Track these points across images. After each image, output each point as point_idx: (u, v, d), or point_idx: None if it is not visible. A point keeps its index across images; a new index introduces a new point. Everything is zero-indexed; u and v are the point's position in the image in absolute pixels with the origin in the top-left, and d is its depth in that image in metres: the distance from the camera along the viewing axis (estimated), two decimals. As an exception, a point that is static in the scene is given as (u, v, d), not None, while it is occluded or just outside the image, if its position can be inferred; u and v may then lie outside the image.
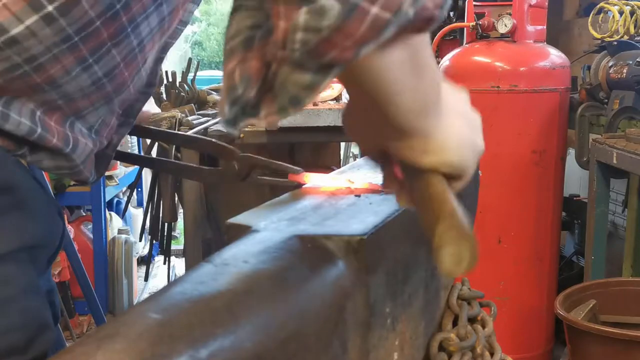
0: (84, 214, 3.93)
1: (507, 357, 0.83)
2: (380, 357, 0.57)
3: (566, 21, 4.10)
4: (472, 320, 0.81)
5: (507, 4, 2.90)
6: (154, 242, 3.03)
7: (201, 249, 2.65)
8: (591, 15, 3.15)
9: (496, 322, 0.83)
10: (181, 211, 2.93)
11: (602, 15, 3.07)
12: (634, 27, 2.91)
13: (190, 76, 3.26)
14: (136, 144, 3.96)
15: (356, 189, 0.73)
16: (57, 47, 0.65)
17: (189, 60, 3.43)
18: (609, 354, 2.00)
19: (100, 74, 0.71)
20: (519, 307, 2.92)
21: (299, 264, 0.49)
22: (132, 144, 3.91)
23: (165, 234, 2.91)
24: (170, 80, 3.13)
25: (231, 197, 2.83)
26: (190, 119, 2.75)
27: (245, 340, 0.38)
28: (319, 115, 2.68)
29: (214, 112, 3.17)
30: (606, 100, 2.79)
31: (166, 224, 2.86)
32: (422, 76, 0.52)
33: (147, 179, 3.86)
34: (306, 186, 0.80)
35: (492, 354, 0.80)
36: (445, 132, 0.57)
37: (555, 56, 2.90)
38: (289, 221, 0.59)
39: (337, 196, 0.70)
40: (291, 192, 0.73)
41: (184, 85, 3.20)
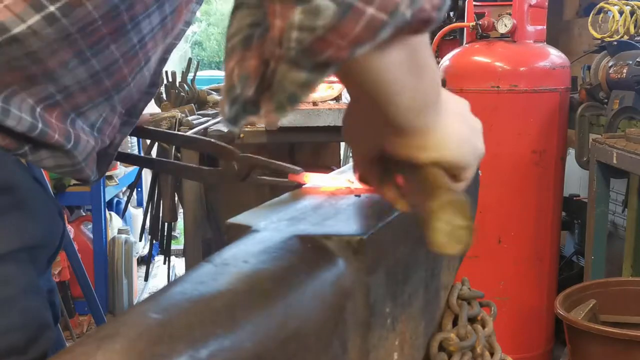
0: (84, 214, 3.93)
1: (507, 357, 0.83)
2: (380, 357, 0.57)
3: (566, 21, 4.10)
4: (472, 320, 0.81)
5: (507, 4, 2.90)
6: (154, 242, 3.03)
7: (201, 249, 2.65)
8: (591, 15, 3.15)
9: (496, 322, 0.83)
10: (181, 211, 2.93)
11: (602, 15, 3.07)
12: (634, 27, 2.91)
13: (190, 76, 3.26)
14: (136, 144, 3.96)
15: (356, 189, 0.73)
16: (57, 43, 0.65)
17: (189, 60, 3.43)
18: (609, 354, 2.00)
19: (97, 68, 0.71)
20: (519, 307, 2.92)
21: (299, 264, 0.49)
22: (132, 144, 3.91)
23: (165, 234, 2.91)
24: (170, 80, 3.13)
25: (231, 197, 2.83)
26: (190, 119, 2.75)
27: (245, 340, 0.38)
28: (319, 115, 2.68)
29: (214, 112, 3.17)
30: (606, 100, 2.79)
31: (166, 224, 2.86)
32: (421, 76, 0.52)
33: (147, 179, 3.86)
34: (306, 186, 0.80)
35: (492, 354, 0.80)
36: (444, 130, 0.57)
37: (555, 56, 2.90)
38: (289, 221, 0.59)
39: (337, 196, 0.70)
40: (291, 192, 0.73)
41: (184, 85, 3.20)
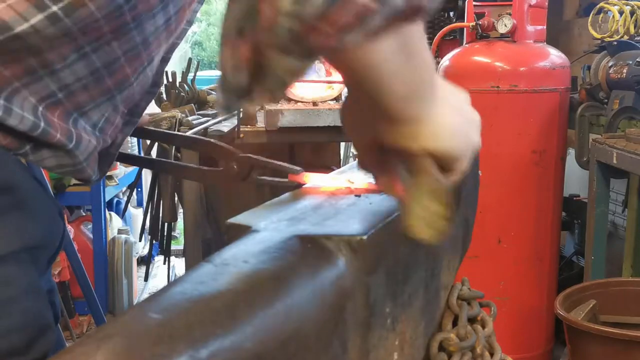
0: (84, 214, 3.93)
1: (507, 357, 0.83)
2: (380, 357, 0.57)
3: (566, 21, 4.09)
4: (472, 320, 0.81)
5: (507, 4, 2.90)
6: (154, 242, 3.03)
7: (201, 249, 2.65)
8: (591, 15, 3.15)
9: (496, 322, 0.83)
10: (181, 211, 2.93)
11: (602, 15, 3.07)
12: (634, 27, 2.91)
13: (190, 76, 3.26)
14: (136, 144, 3.96)
15: (356, 189, 0.73)
16: (57, 40, 0.65)
17: (189, 60, 3.43)
18: (609, 354, 2.00)
19: (98, 64, 0.70)
20: (519, 307, 2.92)
21: (299, 264, 0.49)
22: (132, 144, 3.92)
23: (165, 234, 2.90)
24: (170, 80, 3.13)
25: (231, 197, 2.83)
26: (190, 119, 2.75)
27: (245, 340, 0.38)
28: (319, 115, 2.68)
29: (214, 112, 3.17)
30: (606, 100, 2.79)
31: (166, 224, 2.86)
32: (414, 65, 0.53)
33: (147, 179, 3.86)
34: (306, 186, 0.80)
35: (492, 354, 0.80)
36: (437, 120, 0.58)
37: (555, 56, 2.90)
38: (289, 221, 0.59)
39: (337, 196, 0.70)
40: (291, 192, 0.73)
41: (184, 85, 3.20)
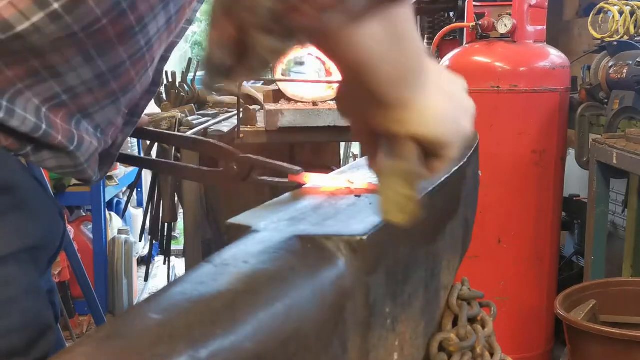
0: (84, 214, 3.93)
1: (507, 357, 0.83)
2: (380, 357, 0.57)
3: (566, 21, 4.10)
4: (472, 320, 0.81)
5: (507, 4, 2.90)
6: (154, 242, 3.03)
7: (201, 249, 2.65)
8: (591, 15, 3.15)
9: (496, 322, 0.83)
10: (181, 211, 2.93)
11: (602, 15, 3.07)
12: (634, 27, 2.91)
13: (190, 76, 3.26)
14: (136, 144, 3.96)
15: (356, 189, 0.73)
16: (60, 42, 0.65)
17: (189, 60, 3.43)
18: (609, 354, 2.00)
19: (104, 69, 0.70)
20: (519, 307, 2.92)
21: (299, 264, 0.49)
22: (132, 145, 3.92)
23: (165, 234, 2.91)
24: (170, 80, 3.13)
25: (231, 197, 2.83)
26: (190, 119, 2.75)
27: (245, 340, 0.38)
28: (319, 115, 2.68)
29: (214, 112, 3.17)
30: (606, 100, 2.79)
31: (166, 224, 2.86)
32: (401, 48, 0.53)
33: (147, 179, 3.86)
34: (306, 186, 0.80)
35: (492, 354, 0.80)
36: (426, 105, 0.57)
37: (555, 56, 2.90)
38: (289, 221, 0.58)
39: (337, 196, 0.70)
40: (291, 192, 0.73)
41: (184, 85, 3.20)
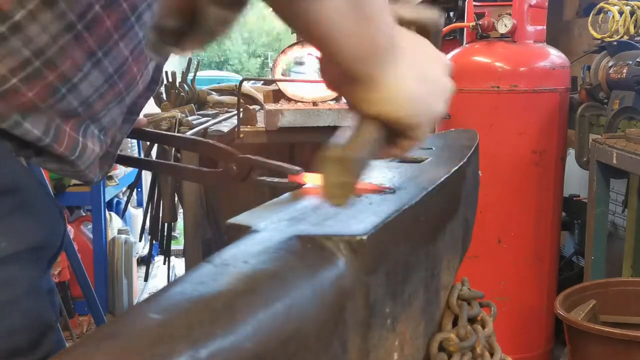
0: (84, 214, 3.93)
1: (507, 357, 0.83)
2: (380, 357, 0.57)
3: (566, 21, 4.10)
4: (472, 320, 0.81)
5: (507, 4, 2.90)
6: (154, 242, 3.03)
7: (201, 249, 2.65)
8: (591, 15, 3.15)
9: (496, 322, 0.83)
10: (181, 211, 2.93)
11: (602, 15, 3.07)
12: (634, 27, 2.91)
13: (190, 76, 3.26)
14: (136, 145, 3.96)
15: (356, 189, 0.73)
16: (62, 38, 0.65)
17: (189, 60, 3.43)
18: (609, 354, 2.00)
19: (111, 70, 0.71)
20: (519, 307, 2.92)
21: (299, 264, 0.49)
22: (132, 145, 3.91)
23: (165, 234, 2.91)
24: (170, 80, 3.13)
25: (231, 197, 2.83)
26: (190, 119, 2.75)
27: (245, 340, 0.38)
28: (319, 115, 2.68)
29: (214, 112, 3.17)
30: (606, 100, 2.79)
31: (166, 224, 2.86)
32: (365, 24, 0.52)
33: (147, 179, 3.86)
34: (306, 186, 0.80)
35: (492, 354, 0.80)
36: (394, 84, 0.57)
37: (555, 56, 2.90)
38: (289, 221, 0.58)
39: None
40: (291, 192, 0.73)
41: (184, 85, 3.20)
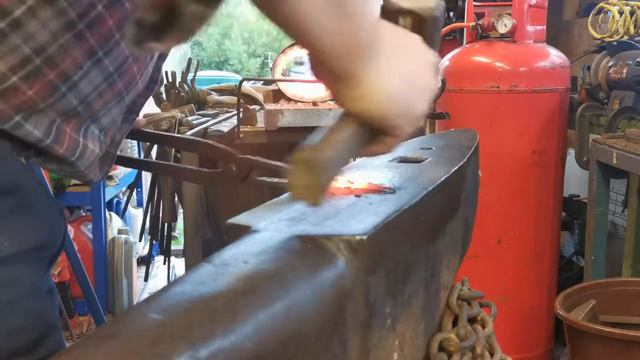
0: (84, 214, 3.93)
1: (507, 357, 0.83)
2: (380, 357, 0.57)
3: (566, 21, 4.09)
4: (472, 320, 0.81)
5: (507, 4, 2.90)
6: (154, 242, 3.03)
7: (201, 249, 2.65)
8: (591, 15, 3.15)
9: (496, 322, 0.83)
10: (181, 211, 2.93)
11: (602, 15, 3.07)
12: (634, 27, 2.91)
13: (190, 76, 3.26)
14: (136, 145, 3.96)
15: (356, 189, 0.73)
16: (62, 35, 0.65)
17: (189, 60, 3.43)
18: (609, 354, 2.00)
19: (111, 69, 0.71)
20: (519, 307, 2.92)
21: (299, 264, 0.49)
22: (132, 145, 3.91)
23: (165, 234, 2.90)
24: (170, 80, 3.13)
25: (231, 197, 2.83)
26: (190, 119, 2.75)
27: (245, 340, 0.38)
28: (319, 115, 2.68)
29: (214, 112, 3.17)
30: (606, 100, 2.79)
31: (166, 224, 2.85)
32: (346, 21, 0.52)
33: (147, 179, 3.86)
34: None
35: (492, 354, 0.80)
36: (375, 82, 0.57)
37: (555, 56, 2.90)
38: (289, 221, 0.59)
39: (337, 196, 0.70)
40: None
41: (184, 85, 3.20)
